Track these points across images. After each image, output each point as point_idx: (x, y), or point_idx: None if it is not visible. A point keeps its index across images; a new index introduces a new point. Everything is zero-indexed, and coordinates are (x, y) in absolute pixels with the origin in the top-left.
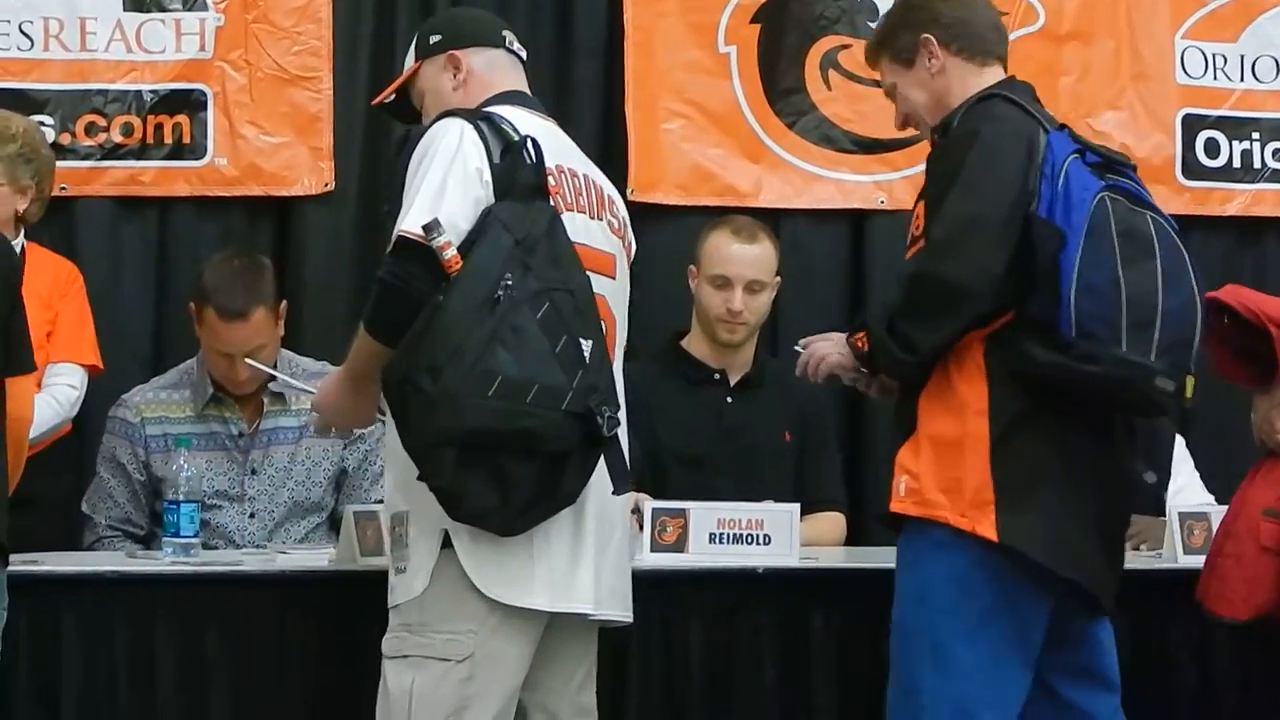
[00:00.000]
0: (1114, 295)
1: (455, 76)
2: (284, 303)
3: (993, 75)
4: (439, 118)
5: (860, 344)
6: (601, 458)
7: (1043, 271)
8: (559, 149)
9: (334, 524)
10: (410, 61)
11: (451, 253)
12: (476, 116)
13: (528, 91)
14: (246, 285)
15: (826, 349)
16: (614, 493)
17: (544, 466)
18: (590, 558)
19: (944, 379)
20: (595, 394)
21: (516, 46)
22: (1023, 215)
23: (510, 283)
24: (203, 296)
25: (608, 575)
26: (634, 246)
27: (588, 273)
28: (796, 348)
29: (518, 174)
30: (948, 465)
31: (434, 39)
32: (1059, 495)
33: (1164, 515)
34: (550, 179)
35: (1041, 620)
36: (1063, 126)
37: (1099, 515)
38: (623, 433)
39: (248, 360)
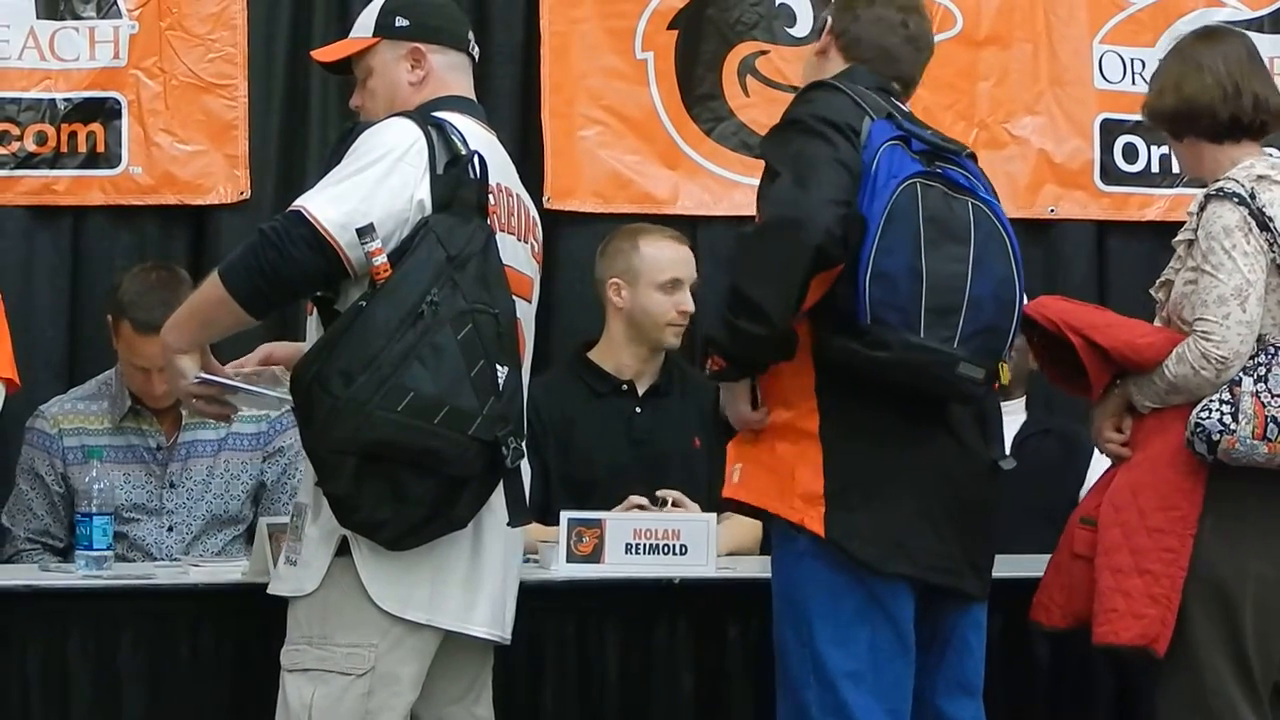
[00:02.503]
0: (910, 281)
1: (414, 71)
2: None
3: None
4: (393, 116)
5: (715, 366)
6: (499, 487)
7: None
8: (499, 166)
9: (252, 537)
10: (366, 32)
11: (382, 259)
12: (429, 122)
13: (474, 98)
14: (163, 298)
15: (730, 413)
16: (509, 524)
17: (441, 487)
18: (491, 581)
19: (778, 372)
20: (504, 424)
21: (475, 49)
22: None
23: (436, 299)
24: (119, 309)
25: (504, 598)
26: None
27: (512, 296)
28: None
29: (460, 189)
30: (785, 459)
31: (400, 22)
32: (891, 487)
33: None
34: (490, 197)
35: (909, 613)
36: (891, 115)
37: (943, 504)
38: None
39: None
